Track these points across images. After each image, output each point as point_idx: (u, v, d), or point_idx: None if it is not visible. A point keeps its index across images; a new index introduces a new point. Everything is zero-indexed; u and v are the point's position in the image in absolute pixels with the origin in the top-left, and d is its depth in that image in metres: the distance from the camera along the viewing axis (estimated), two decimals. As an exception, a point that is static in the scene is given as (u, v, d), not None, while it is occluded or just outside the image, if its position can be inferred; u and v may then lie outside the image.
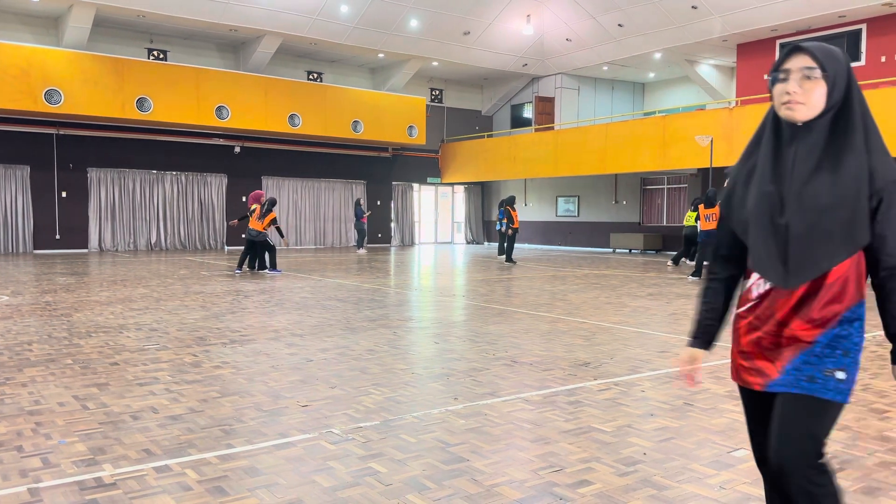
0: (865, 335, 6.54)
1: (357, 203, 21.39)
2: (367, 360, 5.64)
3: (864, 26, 17.33)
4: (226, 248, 22.32)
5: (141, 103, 19.03)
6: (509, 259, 17.17)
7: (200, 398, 4.47)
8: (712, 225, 12.36)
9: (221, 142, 22.00)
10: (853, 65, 17.42)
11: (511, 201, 17.34)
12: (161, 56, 21.07)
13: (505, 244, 17.62)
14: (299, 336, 6.73)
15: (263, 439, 3.67)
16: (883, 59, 16.95)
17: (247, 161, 22.60)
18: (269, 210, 13.63)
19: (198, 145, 21.68)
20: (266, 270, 13.67)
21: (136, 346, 6.15)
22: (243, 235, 14.35)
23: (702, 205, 13.65)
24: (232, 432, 3.78)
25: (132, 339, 6.49)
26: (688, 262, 16.83)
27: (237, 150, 22.28)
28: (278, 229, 14.08)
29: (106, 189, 20.43)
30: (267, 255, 13.71)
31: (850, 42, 17.66)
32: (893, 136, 14.78)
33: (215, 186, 22.21)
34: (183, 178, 21.60)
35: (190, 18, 18.88)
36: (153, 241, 21.23)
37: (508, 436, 3.75)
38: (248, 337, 6.67)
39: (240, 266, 13.54)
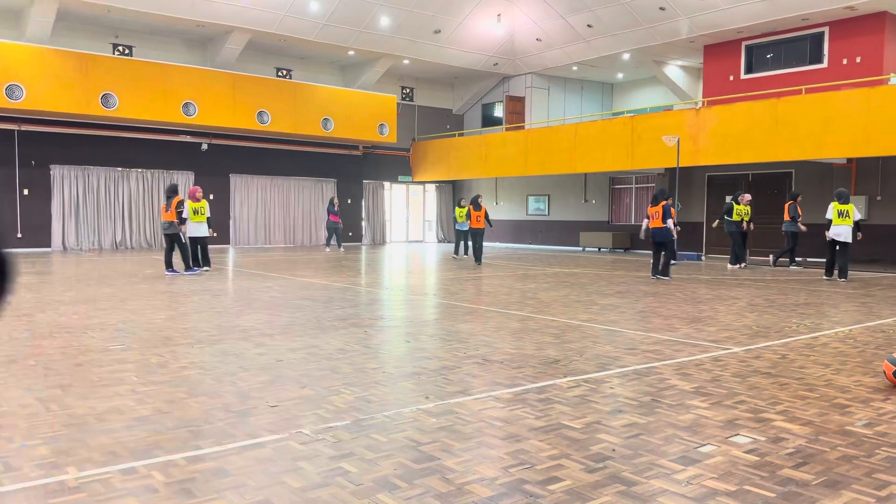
0: (829, 332, 6.65)
1: (330, 201, 21.28)
2: (338, 360, 5.61)
3: (826, 29, 17.71)
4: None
5: (106, 99, 18.68)
6: (476, 259, 16.40)
7: (167, 399, 4.40)
8: (658, 223, 12.39)
9: (188, 139, 21.69)
10: (816, 67, 17.86)
11: (474, 200, 16.73)
12: (126, 51, 20.71)
13: (465, 242, 17.79)
14: (268, 336, 6.67)
15: (232, 440, 3.63)
16: (845, 61, 17.34)
17: (214, 158, 22.31)
18: (171, 196, 12.67)
19: (164, 142, 21.35)
20: (187, 271, 12.81)
21: (101, 347, 6.04)
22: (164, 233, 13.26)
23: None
24: (200, 433, 3.73)
25: (97, 340, 6.37)
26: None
27: (204, 147, 21.99)
28: (179, 214, 12.68)
29: (69, 187, 20.02)
30: (180, 252, 12.85)
31: (813, 44, 18.04)
32: (855, 137, 15.15)
33: (182, 184, 21.84)
34: (149, 175, 21.26)
35: (156, 13, 18.58)
36: (118, 240, 20.86)
37: (479, 434, 3.76)
38: (216, 337, 6.59)
39: (168, 266, 12.74)
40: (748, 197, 15.90)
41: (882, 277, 13.49)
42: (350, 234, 25.20)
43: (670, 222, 12.35)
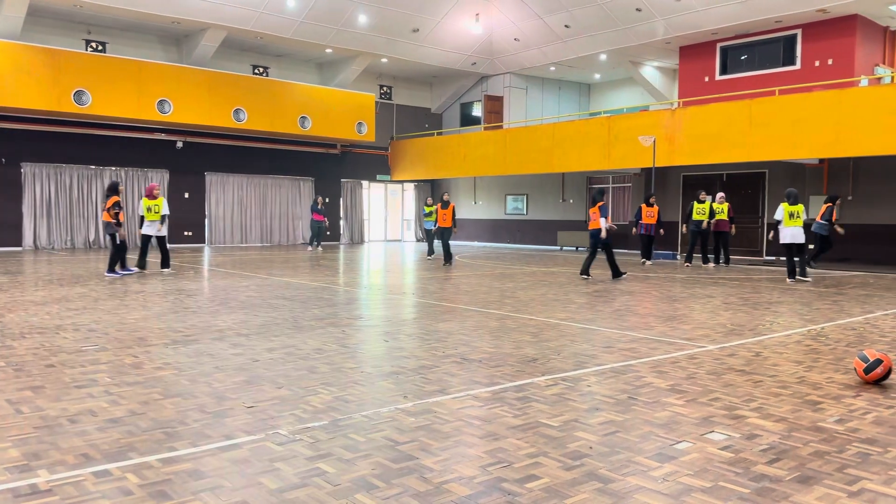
0: (802, 330, 6.73)
1: (314, 200, 21.19)
2: (316, 360, 5.58)
3: (799, 31, 17.97)
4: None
5: (78, 96, 18.39)
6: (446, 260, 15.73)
7: (141, 400, 4.35)
8: (596, 224, 12.34)
9: (163, 136, 21.43)
10: (789, 68, 18.12)
11: (441, 198, 16.28)
12: (100, 48, 20.41)
13: (434, 242, 17.60)
14: (244, 336, 6.62)
15: (207, 441, 3.59)
16: (817, 63, 17.61)
17: (189, 156, 22.08)
18: (109, 195, 12.14)
19: (138, 140, 21.08)
20: (122, 270, 12.32)
21: (74, 348, 5.95)
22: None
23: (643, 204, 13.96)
24: (175, 435, 3.69)
25: (69, 341, 6.27)
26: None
27: (179, 145, 21.75)
28: (116, 216, 12.09)
29: (41, 185, 19.69)
30: (112, 252, 12.32)
31: (786, 46, 18.30)
32: (826, 138, 15.39)
33: (157, 182, 21.56)
34: (123, 173, 20.97)
35: (129, 9, 18.33)
36: (91, 239, 20.56)
37: (458, 433, 3.76)
38: (191, 337, 6.52)
39: (122, 267, 12.36)
40: (721, 195, 16.09)
41: (853, 276, 13.73)
42: (328, 233, 25.08)
43: (604, 223, 12.23)
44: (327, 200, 24.91)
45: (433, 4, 21.38)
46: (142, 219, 12.78)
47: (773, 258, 18.35)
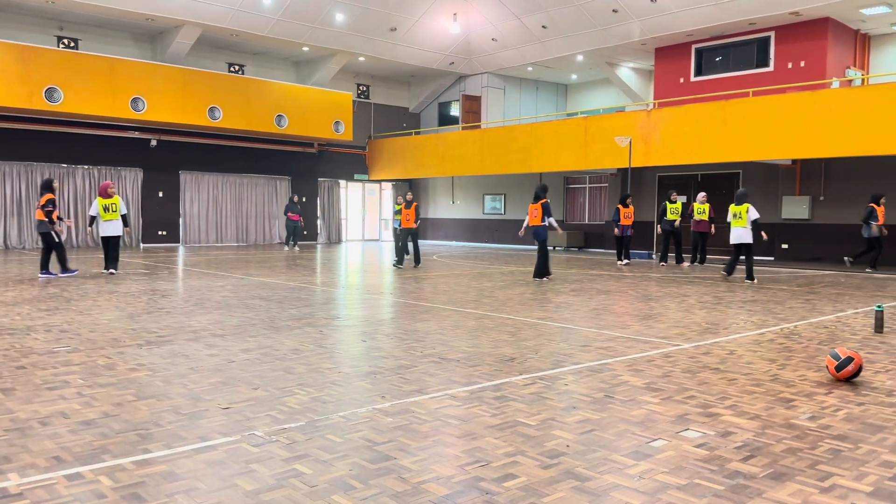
0: (775, 328, 6.82)
1: (290, 199, 21.05)
2: (292, 360, 5.55)
3: (772, 34, 18.22)
4: (141, 245, 21.51)
5: (50, 94, 18.08)
6: (401, 261, 15.00)
7: (115, 402, 4.29)
8: (537, 221, 12.17)
9: (137, 135, 21.16)
10: (762, 70, 18.36)
11: (404, 197, 15.47)
12: (72, 44, 20.09)
13: (401, 244, 15.15)
14: (220, 336, 6.55)
15: (182, 443, 3.55)
16: (790, 65, 17.87)
17: (164, 155, 21.83)
18: (43, 193, 11.68)
19: (112, 138, 20.79)
20: (63, 272, 11.85)
21: (45, 349, 5.85)
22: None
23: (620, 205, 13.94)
24: (149, 437, 3.64)
25: (40, 342, 6.16)
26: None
27: (154, 143, 21.49)
28: (49, 214, 11.63)
29: (12, 183, 19.33)
30: (54, 253, 11.82)
31: (760, 48, 18.54)
32: (799, 139, 15.63)
33: (130, 181, 21.36)
34: (95, 172, 20.67)
35: (102, 6, 18.07)
36: (63, 239, 20.21)
37: (436, 432, 3.76)
38: (166, 338, 6.44)
39: (63, 268, 11.86)
40: (703, 195, 16.17)
41: (825, 275, 13.95)
42: (305, 232, 24.93)
43: (550, 220, 12.05)
44: (304, 199, 24.78)
45: (411, 4, 21.35)
46: (92, 219, 12.15)
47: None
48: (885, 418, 4.12)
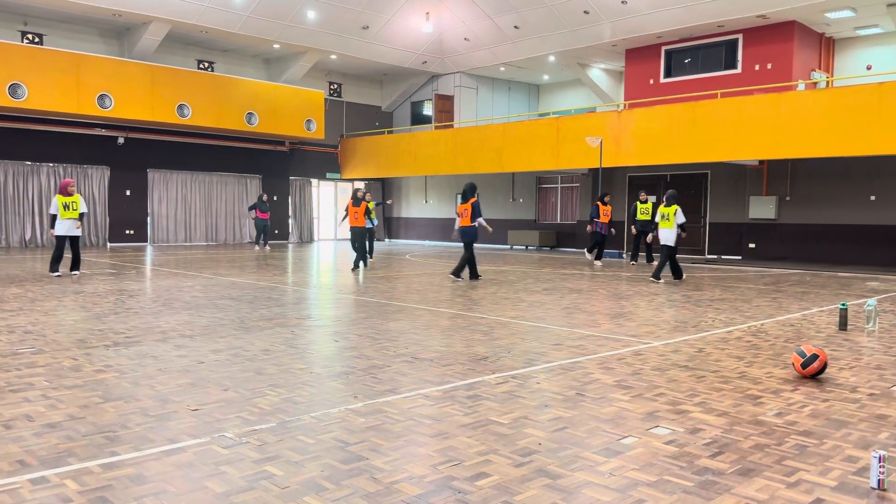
0: (743, 326, 6.92)
1: (259, 198, 20.84)
2: (263, 361, 5.50)
3: (740, 36, 18.51)
4: (108, 244, 21.15)
5: (14, 90, 17.68)
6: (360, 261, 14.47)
7: (81, 404, 4.21)
8: (466, 221, 11.86)
9: (104, 132, 20.80)
10: (730, 72, 18.64)
11: (353, 194, 14.81)
12: (37, 40, 19.67)
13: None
14: (189, 337, 6.47)
15: (151, 445, 3.50)
16: (757, 67, 18.17)
17: (132, 153, 21.48)
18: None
19: (78, 135, 20.40)
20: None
21: (9, 350, 5.72)
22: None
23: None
24: (116, 439, 3.58)
25: (4, 343, 6.02)
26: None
27: (121, 141, 21.14)
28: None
29: (-27, 181, 18.88)
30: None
31: (728, 51, 18.82)
32: (766, 140, 15.89)
33: (97, 179, 20.99)
34: (61, 170, 20.27)
35: (68, 1, 17.72)
36: (27, 238, 19.81)
37: (408, 432, 3.75)
38: (133, 339, 6.34)
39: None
40: (652, 198, 16.33)
41: (791, 274, 14.21)
42: (276, 231, 24.73)
43: (479, 221, 11.75)
44: (275, 198, 24.57)
45: (383, 2, 21.28)
46: (53, 218, 11.73)
47: (715, 257, 18.87)
48: (849, 414, 4.21)
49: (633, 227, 16.38)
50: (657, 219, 12.27)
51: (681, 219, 11.94)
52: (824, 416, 4.16)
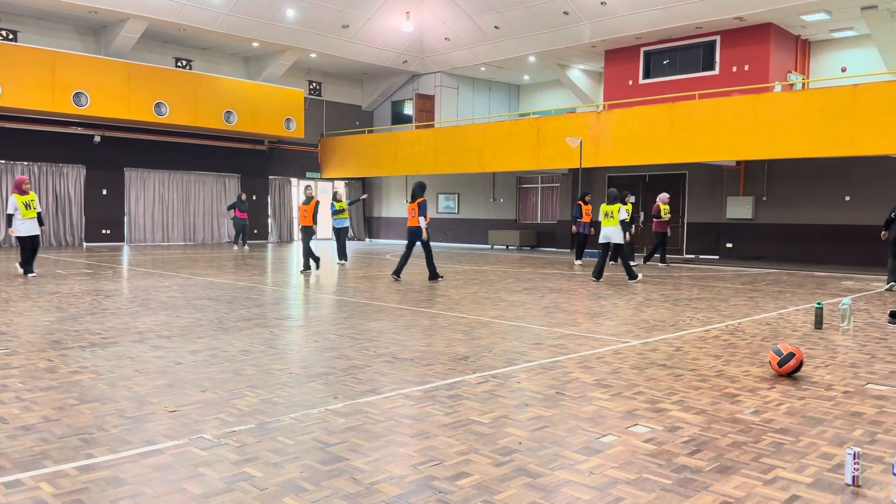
0: (720, 325, 6.98)
1: (238, 197, 20.68)
2: (242, 362, 5.45)
3: (718, 38, 18.70)
4: (84, 244, 20.87)
5: (-14, 86, 17.40)
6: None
7: (56, 406, 4.15)
8: (414, 221, 11.63)
9: (80, 130, 20.52)
10: (708, 73, 18.82)
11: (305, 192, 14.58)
12: (10, 36, 19.35)
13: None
14: (166, 338, 6.40)
15: (128, 447, 3.46)
16: (734, 69, 18.37)
17: (108, 151, 21.22)
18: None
19: (53, 134, 20.11)
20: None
21: (-19, 352, 5.62)
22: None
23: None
24: (92, 441, 3.54)
25: (-24, 345, 5.92)
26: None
27: (97, 139, 20.87)
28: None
29: (-56, 179, 18.54)
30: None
31: (706, 52, 19.01)
32: (743, 141, 16.07)
33: (72, 178, 20.71)
34: (36, 168, 19.98)
35: (43, -4, 17.47)
36: (1, 238, 19.50)
37: (389, 432, 3.75)
38: (110, 339, 6.26)
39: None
40: (665, 195, 16.17)
41: (767, 274, 14.39)
42: (255, 231, 24.55)
43: (423, 221, 11.54)
44: (254, 198, 24.40)
45: (363, 1, 21.20)
46: (10, 217, 11.33)
47: (693, 256, 19.05)
48: (825, 412, 4.27)
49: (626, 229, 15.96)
50: (599, 217, 12.28)
51: (622, 216, 12.01)
52: (800, 413, 4.22)
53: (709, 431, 3.85)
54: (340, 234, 15.56)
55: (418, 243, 11.88)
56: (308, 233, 13.78)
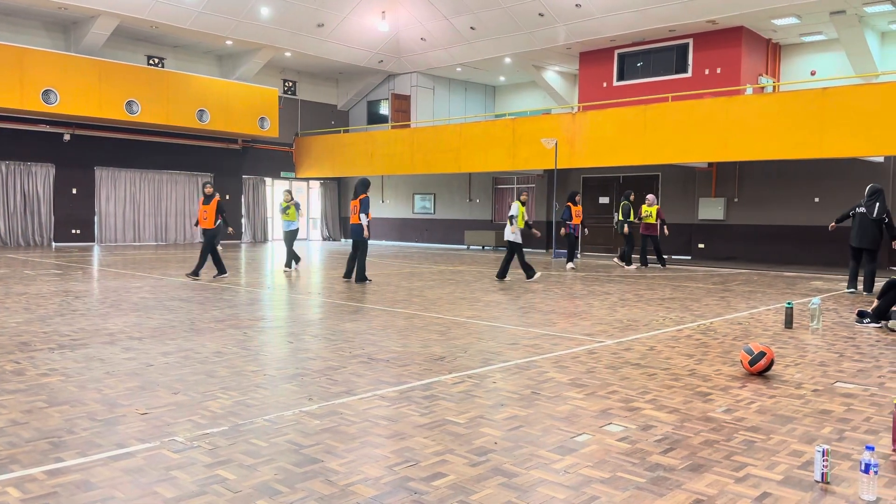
0: (692, 324, 7.04)
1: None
2: (215, 363, 5.39)
3: (690, 41, 18.92)
4: (53, 244, 20.50)
5: (-49, 83, 17.01)
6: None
7: (24, 409, 4.06)
8: (355, 219, 11.38)
9: (48, 129, 20.16)
10: (681, 76, 19.04)
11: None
12: (-24, 31, 18.95)
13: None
14: (138, 339, 6.31)
15: (98, 451, 3.40)
16: (707, 71, 18.60)
17: (78, 150, 20.86)
18: None
19: (21, 132, 19.73)
20: None
21: (-55, 355, 5.49)
22: None
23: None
24: (62, 444, 3.47)
25: (-60, 347, 5.79)
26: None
27: (67, 137, 20.51)
28: None
29: None
30: None
31: (679, 55, 19.22)
32: (715, 143, 16.28)
33: (41, 177, 20.33)
34: (3, 167, 19.58)
35: (11, -9, 17.13)
36: (-33, 237, 19.08)
37: (364, 434, 3.73)
38: (80, 341, 6.16)
39: None
40: (651, 196, 15.92)
41: (738, 274, 14.59)
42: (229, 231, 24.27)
43: (364, 218, 11.16)
44: (228, 197, 24.14)
45: (338, 0, 21.11)
46: None
47: (666, 257, 19.25)
48: (795, 410, 4.34)
49: (625, 226, 15.64)
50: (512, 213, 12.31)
51: (513, 211, 12.11)
52: (771, 412, 4.28)
53: (681, 430, 3.89)
54: (286, 238, 14.11)
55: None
56: (210, 235, 11.98)
